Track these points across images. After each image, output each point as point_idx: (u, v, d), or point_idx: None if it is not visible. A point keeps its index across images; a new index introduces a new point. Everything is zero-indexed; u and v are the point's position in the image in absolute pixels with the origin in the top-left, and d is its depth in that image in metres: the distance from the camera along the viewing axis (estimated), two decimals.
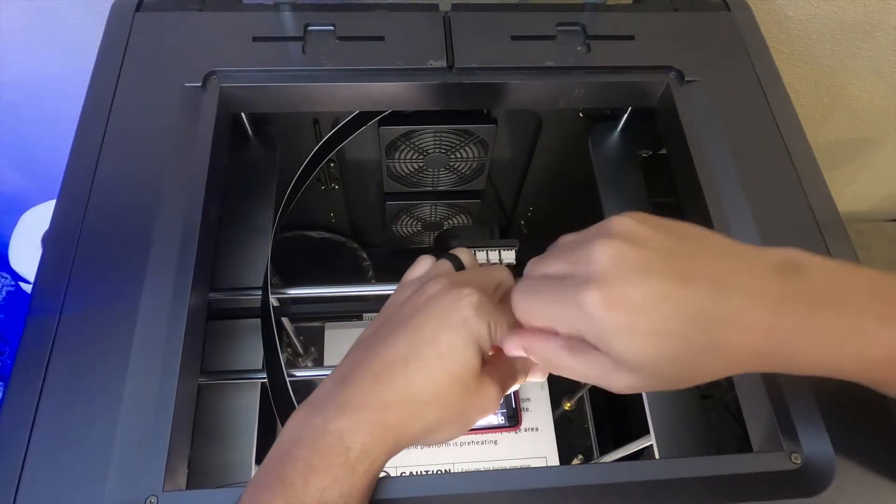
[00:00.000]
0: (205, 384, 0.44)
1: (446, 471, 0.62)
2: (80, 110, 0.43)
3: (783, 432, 0.34)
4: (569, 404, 0.72)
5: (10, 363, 0.34)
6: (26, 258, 0.71)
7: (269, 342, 0.44)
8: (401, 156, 0.59)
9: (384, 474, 0.31)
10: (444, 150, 0.59)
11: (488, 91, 0.47)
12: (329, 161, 0.60)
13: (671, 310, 0.24)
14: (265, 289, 0.44)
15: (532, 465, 0.64)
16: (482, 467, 0.63)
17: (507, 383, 0.32)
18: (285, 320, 0.59)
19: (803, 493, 0.32)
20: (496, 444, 0.65)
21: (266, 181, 0.54)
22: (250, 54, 0.45)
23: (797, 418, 0.34)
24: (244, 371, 0.46)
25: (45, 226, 0.70)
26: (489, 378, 0.30)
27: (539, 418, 0.66)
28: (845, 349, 0.26)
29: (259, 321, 0.45)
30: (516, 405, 0.66)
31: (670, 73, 0.47)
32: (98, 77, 0.44)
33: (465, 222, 0.72)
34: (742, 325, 0.25)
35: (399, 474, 0.61)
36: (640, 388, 0.27)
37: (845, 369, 0.27)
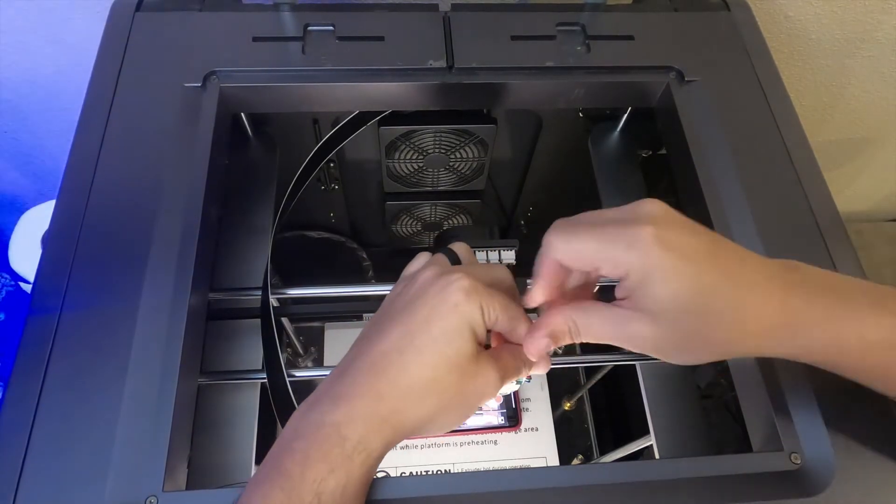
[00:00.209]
0: (205, 384, 0.44)
1: (446, 471, 0.62)
2: (80, 110, 0.43)
3: (783, 432, 0.34)
4: (569, 404, 0.72)
5: (10, 363, 0.34)
6: (26, 258, 0.71)
7: (269, 342, 0.44)
8: (401, 156, 0.59)
9: (384, 474, 0.31)
10: (444, 150, 0.59)
11: (488, 91, 0.47)
12: (329, 161, 0.60)
13: (710, 263, 0.27)
14: (265, 289, 0.44)
15: (532, 465, 0.64)
16: (482, 467, 0.63)
17: (508, 370, 0.31)
18: (285, 320, 0.59)
19: (803, 493, 0.32)
20: (496, 444, 0.65)
21: (266, 181, 0.54)
22: (250, 54, 0.45)
23: (797, 418, 0.34)
24: (244, 371, 0.46)
25: (45, 226, 0.70)
26: (487, 362, 0.30)
27: (539, 418, 0.66)
28: (847, 330, 0.28)
29: (259, 321, 0.45)
30: (516, 405, 0.66)
31: (670, 73, 0.47)
32: (98, 77, 0.44)
33: (465, 222, 0.72)
34: (762, 293, 0.28)
35: (399, 474, 0.61)
36: (657, 345, 0.28)
37: (849, 350, 0.29)
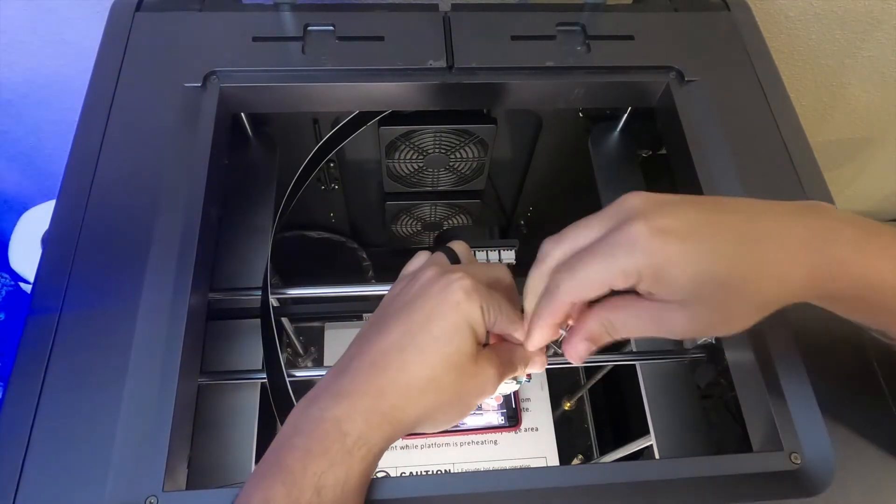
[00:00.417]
0: (205, 384, 0.44)
1: (446, 471, 0.62)
2: (80, 110, 0.43)
3: (783, 432, 0.34)
4: (569, 404, 0.72)
5: (10, 363, 0.34)
6: (26, 258, 0.71)
7: (269, 342, 0.44)
8: (401, 156, 0.59)
9: (384, 474, 0.31)
10: (444, 150, 0.59)
11: (488, 91, 0.47)
12: (329, 161, 0.60)
13: (712, 231, 0.26)
14: (265, 289, 0.44)
15: (532, 465, 0.64)
16: (482, 467, 0.63)
17: (505, 368, 0.32)
18: (285, 320, 0.59)
19: (803, 493, 0.32)
20: (496, 444, 0.65)
21: (266, 181, 0.54)
22: (250, 54, 0.45)
23: (797, 418, 0.34)
24: (244, 371, 0.46)
25: (45, 226, 0.70)
26: (486, 361, 0.31)
27: (539, 418, 0.66)
28: (880, 262, 0.27)
29: (259, 321, 0.45)
30: (516, 405, 0.66)
31: (670, 73, 0.47)
32: (98, 77, 0.44)
33: (465, 222, 0.72)
34: (778, 240, 0.26)
35: (399, 474, 0.61)
36: (696, 327, 0.27)
37: (883, 284, 0.27)
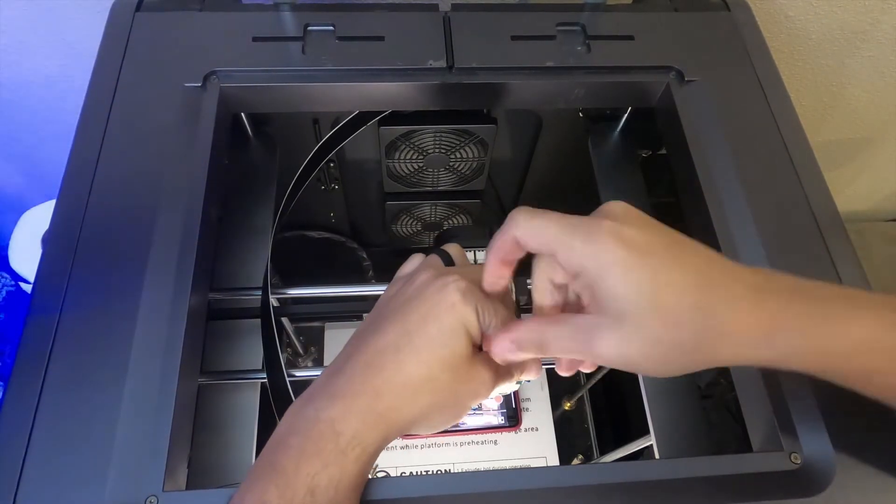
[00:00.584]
0: (205, 384, 0.44)
1: (446, 471, 0.62)
2: (80, 110, 0.43)
3: (783, 432, 0.34)
4: (569, 404, 0.72)
5: (10, 363, 0.34)
6: (26, 258, 0.71)
7: (269, 342, 0.44)
8: (401, 156, 0.59)
9: (384, 474, 0.31)
10: (444, 150, 0.59)
11: (488, 91, 0.47)
12: (329, 161, 0.60)
13: (667, 258, 0.26)
14: (265, 289, 0.44)
15: (532, 465, 0.64)
16: (482, 467, 0.63)
17: (501, 372, 0.32)
18: (285, 320, 0.59)
19: (803, 493, 0.32)
20: (496, 444, 0.65)
21: (266, 181, 0.54)
22: (250, 54, 0.45)
23: (797, 418, 0.34)
24: (244, 371, 0.46)
25: (45, 226, 0.70)
26: (482, 363, 0.31)
27: (539, 418, 0.66)
28: (828, 332, 0.27)
29: (259, 321, 0.45)
30: (516, 405, 0.66)
31: (670, 73, 0.47)
32: (98, 77, 0.44)
33: (465, 222, 0.72)
34: (728, 298, 0.26)
35: (399, 474, 0.61)
36: (620, 353, 0.27)
37: (833, 353, 0.27)
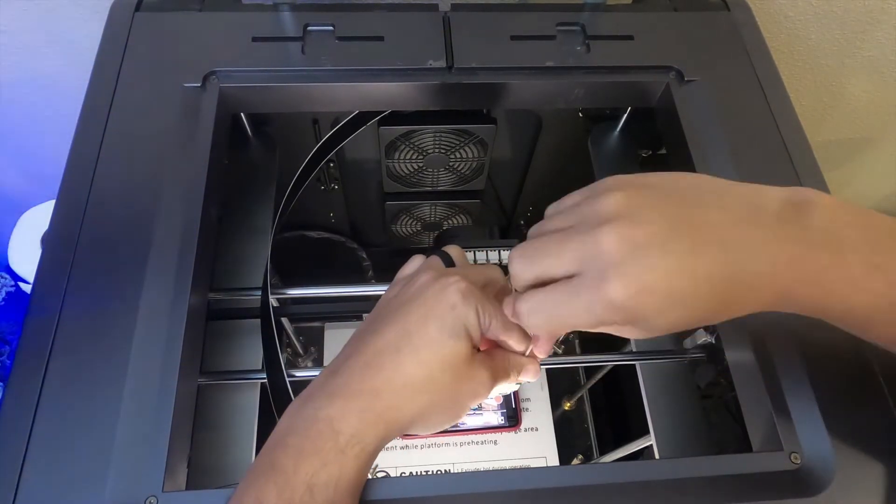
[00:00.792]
0: (205, 384, 0.44)
1: (446, 471, 0.62)
2: (80, 110, 0.43)
3: (783, 432, 0.34)
4: (569, 404, 0.71)
5: (10, 363, 0.34)
6: (26, 258, 0.71)
7: (268, 342, 0.44)
8: (401, 156, 0.59)
9: (384, 474, 0.31)
10: (443, 150, 0.59)
11: (488, 91, 0.47)
12: (329, 161, 0.60)
13: (687, 282, 0.25)
14: (265, 289, 0.44)
15: (532, 465, 0.64)
16: (482, 467, 0.63)
17: (499, 373, 0.32)
18: (285, 320, 0.59)
19: (803, 493, 0.32)
20: (496, 444, 0.65)
21: (266, 181, 0.54)
22: (250, 54, 0.45)
23: (797, 418, 0.34)
24: (244, 371, 0.46)
25: (45, 226, 0.70)
26: (481, 364, 0.31)
27: (539, 418, 0.66)
28: (833, 296, 0.27)
29: (259, 321, 0.45)
30: (516, 405, 0.66)
31: (670, 72, 0.47)
32: (98, 77, 0.44)
33: (465, 222, 0.72)
34: (748, 285, 0.26)
35: (399, 474, 0.61)
36: (645, 338, 0.28)
37: (859, 308, 0.27)
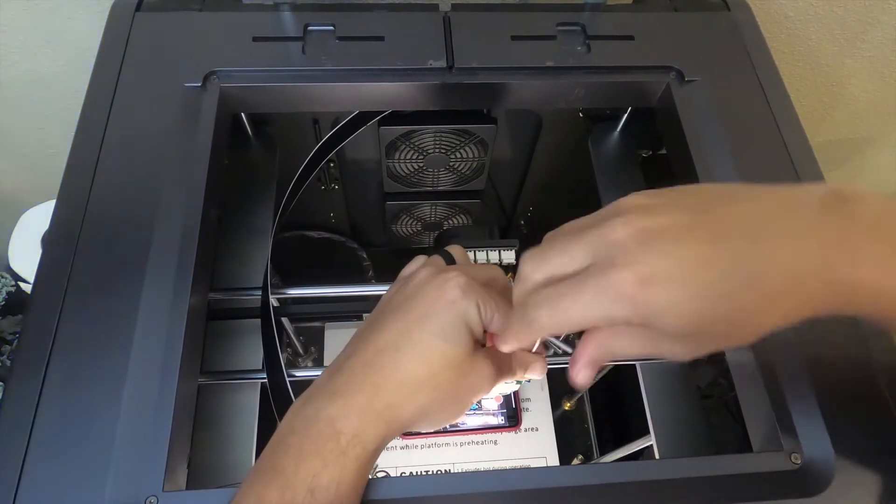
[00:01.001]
0: (205, 384, 0.44)
1: (446, 471, 0.62)
2: (80, 110, 0.43)
3: (783, 432, 0.34)
4: (569, 404, 0.72)
5: (10, 363, 0.34)
6: (26, 258, 0.71)
7: (269, 342, 0.44)
8: (401, 156, 0.59)
9: (384, 474, 0.31)
10: (444, 150, 0.59)
11: (488, 91, 0.47)
12: (329, 161, 0.60)
13: (707, 273, 0.23)
14: (265, 289, 0.44)
15: (532, 465, 0.64)
16: (482, 467, 0.63)
17: (502, 369, 0.32)
18: (285, 320, 0.59)
19: (803, 493, 0.32)
20: (496, 444, 0.65)
21: (266, 181, 0.54)
22: (250, 54, 0.45)
23: (797, 418, 0.34)
24: (244, 371, 0.46)
25: (45, 226, 0.70)
26: (483, 359, 0.31)
27: (539, 418, 0.66)
28: (874, 286, 0.24)
29: (259, 321, 0.45)
30: (516, 405, 0.66)
31: (670, 73, 0.47)
32: (98, 77, 0.44)
33: (465, 222, 0.72)
34: (787, 272, 0.23)
35: (399, 474, 0.61)
36: (696, 352, 0.25)
37: (868, 300, 0.24)
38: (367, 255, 0.77)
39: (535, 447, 0.65)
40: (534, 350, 0.33)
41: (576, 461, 0.70)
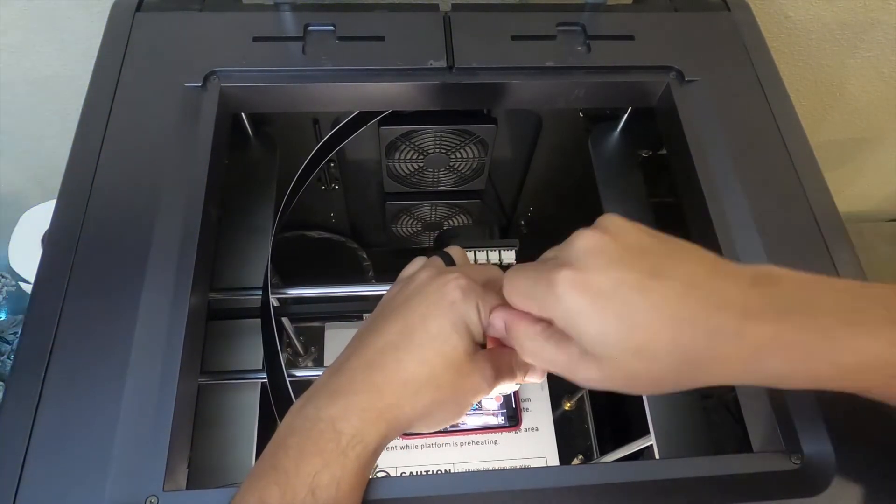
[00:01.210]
0: (205, 384, 0.44)
1: (446, 471, 0.62)
2: (80, 110, 0.43)
3: (783, 432, 0.34)
4: (569, 404, 0.72)
5: (10, 363, 0.34)
6: (26, 258, 0.71)
7: (269, 342, 0.44)
8: (401, 156, 0.59)
9: (384, 474, 0.31)
10: (444, 150, 0.59)
11: (488, 91, 0.47)
12: (329, 161, 0.60)
13: (635, 298, 0.25)
14: (265, 289, 0.44)
15: (532, 465, 0.64)
16: (482, 467, 0.63)
17: (502, 370, 0.32)
18: (285, 320, 0.59)
19: (803, 493, 0.32)
20: (496, 444, 0.65)
21: (266, 181, 0.54)
22: (250, 54, 0.45)
23: (797, 418, 0.34)
24: (244, 371, 0.46)
25: (45, 226, 0.70)
26: (483, 361, 0.31)
27: (539, 418, 0.66)
28: (818, 357, 0.25)
29: (259, 321, 0.45)
30: (516, 405, 0.66)
31: (670, 73, 0.47)
32: (98, 77, 0.44)
33: (465, 222, 0.72)
34: (708, 330, 0.25)
35: (399, 474, 0.61)
36: (602, 382, 0.27)
37: (824, 378, 0.26)
38: (367, 255, 0.77)
39: (535, 447, 0.65)
40: None
41: (576, 461, 0.70)
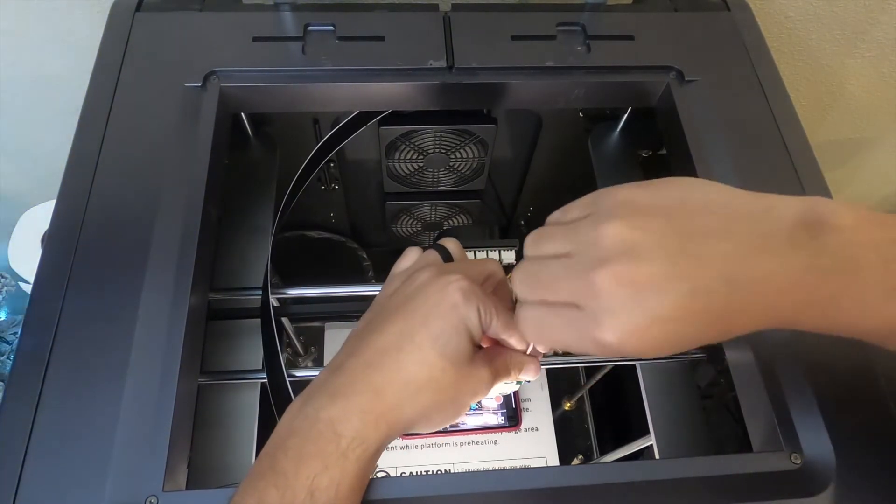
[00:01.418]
0: (205, 384, 0.44)
1: (446, 471, 0.62)
2: (80, 110, 0.43)
3: (783, 432, 0.34)
4: (569, 404, 0.72)
5: (10, 363, 0.34)
6: (26, 258, 0.71)
7: (269, 342, 0.44)
8: (401, 156, 0.59)
9: (384, 474, 0.31)
10: (444, 150, 0.59)
11: (488, 91, 0.47)
12: (329, 161, 0.60)
13: (684, 325, 0.24)
14: (265, 289, 0.44)
15: (532, 465, 0.64)
16: (482, 467, 0.63)
17: (499, 372, 0.32)
18: (285, 320, 0.59)
19: (803, 493, 0.32)
20: (496, 444, 0.65)
21: (266, 181, 0.54)
22: (250, 54, 0.45)
23: (797, 418, 0.34)
24: (244, 371, 0.46)
25: (45, 226, 0.70)
26: (482, 362, 0.31)
27: (539, 418, 0.66)
28: (845, 319, 0.25)
29: (259, 321, 0.45)
30: (516, 405, 0.66)
31: (670, 73, 0.47)
32: (98, 77, 0.44)
33: (465, 222, 0.72)
34: (752, 312, 0.25)
35: (399, 474, 0.61)
36: (620, 347, 0.25)
37: (841, 331, 0.26)
38: (367, 255, 0.77)
39: (535, 447, 0.65)
40: (528, 352, 0.33)
41: (576, 461, 0.70)
